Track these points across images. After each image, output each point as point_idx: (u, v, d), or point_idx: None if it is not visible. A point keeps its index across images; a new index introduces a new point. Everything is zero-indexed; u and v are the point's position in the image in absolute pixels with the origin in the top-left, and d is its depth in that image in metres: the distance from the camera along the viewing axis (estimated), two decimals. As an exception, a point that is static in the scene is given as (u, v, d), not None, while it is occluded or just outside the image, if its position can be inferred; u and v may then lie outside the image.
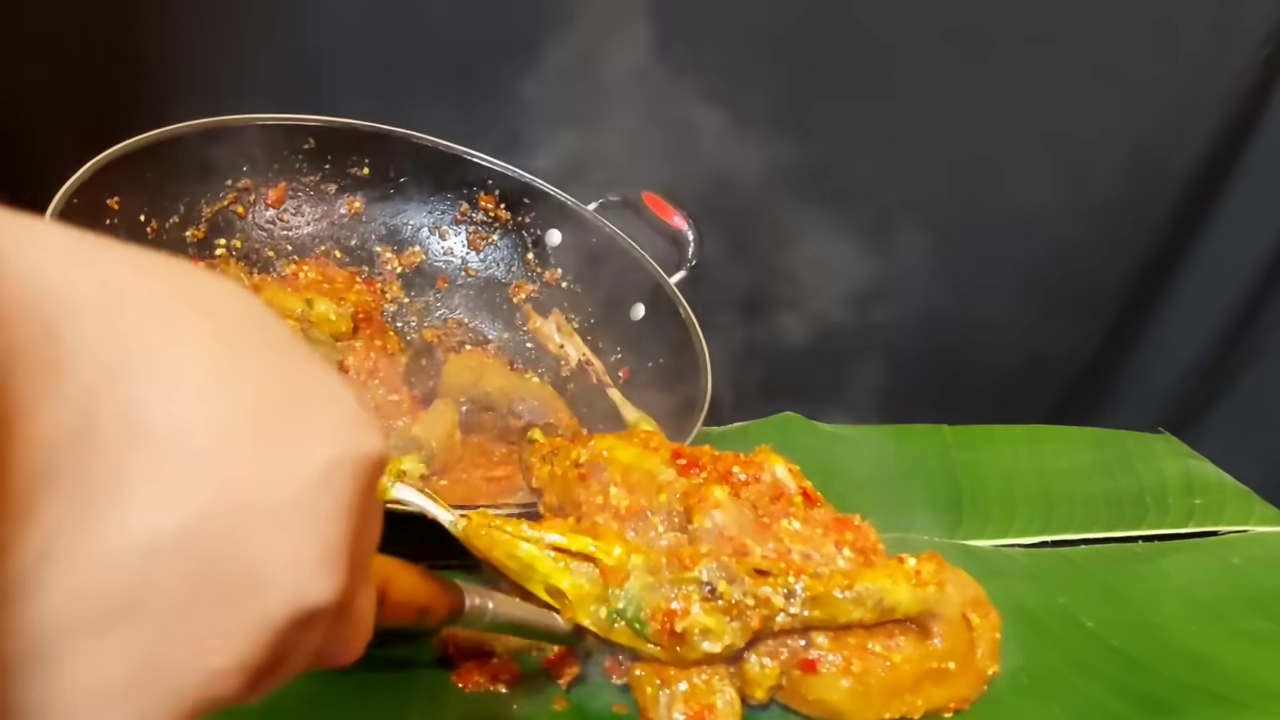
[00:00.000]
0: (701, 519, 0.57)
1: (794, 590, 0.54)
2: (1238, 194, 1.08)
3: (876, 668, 0.56)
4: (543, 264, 0.92)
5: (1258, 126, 1.05)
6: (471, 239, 0.91)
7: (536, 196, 0.91)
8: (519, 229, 0.92)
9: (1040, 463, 0.94)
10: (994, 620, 0.61)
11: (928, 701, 0.58)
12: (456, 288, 0.92)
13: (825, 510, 0.63)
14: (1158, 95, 1.04)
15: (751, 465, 0.63)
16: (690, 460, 0.62)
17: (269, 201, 0.85)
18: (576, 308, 0.91)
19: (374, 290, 0.88)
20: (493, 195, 0.91)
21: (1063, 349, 1.15)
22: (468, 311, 0.91)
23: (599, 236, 0.90)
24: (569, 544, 0.54)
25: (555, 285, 0.91)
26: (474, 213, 0.91)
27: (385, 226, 0.90)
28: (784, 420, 1.00)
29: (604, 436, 0.65)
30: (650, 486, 0.60)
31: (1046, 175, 1.05)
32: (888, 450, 0.96)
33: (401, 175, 0.89)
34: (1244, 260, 1.10)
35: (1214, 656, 0.66)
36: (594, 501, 0.60)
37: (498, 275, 0.92)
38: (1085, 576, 0.77)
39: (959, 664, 0.58)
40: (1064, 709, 0.60)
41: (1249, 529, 0.85)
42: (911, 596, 0.55)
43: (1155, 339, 1.14)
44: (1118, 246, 1.10)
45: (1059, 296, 1.11)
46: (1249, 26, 1.02)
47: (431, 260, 0.91)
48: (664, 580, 0.53)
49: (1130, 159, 1.06)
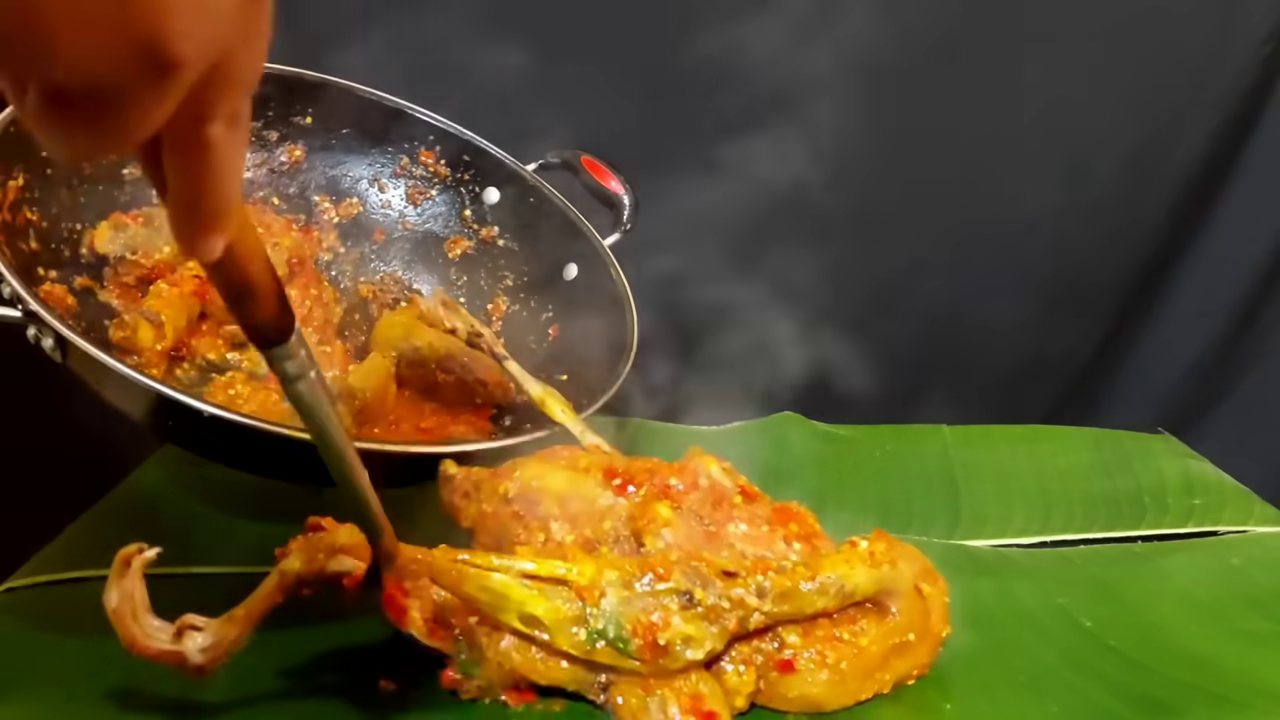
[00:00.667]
0: (653, 540, 0.57)
1: (764, 588, 0.54)
2: (1237, 193, 1.08)
3: (848, 654, 0.57)
4: (480, 221, 0.92)
5: (1258, 126, 1.06)
6: (410, 193, 0.92)
7: (476, 154, 0.92)
8: (458, 185, 0.92)
9: (1039, 463, 0.94)
10: (942, 586, 0.62)
11: (894, 674, 0.60)
12: (393, 241, 0.92)
13: (764, 503, 0.63)
14: (1158, 95, 1.04)
15: (686, 471, 0.62)
16: (625, 478, 0.61)
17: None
18: (511, 265, 0.92)
19: (310, 239, 0.89)
20: (433, 151, 0.92)
21: (1062, 349, 1.15)
22: (403, 265, 0.92)
23: (536, 196, 0.91)
24: (540, 569, 0.53)
25: (491, 243, 0.92)
26: (414, 167, 0.92)
27: (325, 176, 0.90)
28: (783, 420, 1.00)
29: (528, 463, 0.64)
30: (592, 514, 0.59)
31: (1046, 175, 1.05)
32: (886, 450, 0.96)
33: (344, 126, 0.90)
34: (1244, 260, 1.10)
35: (1213, 656, 0.66)
36: (536, 540, 0.59)
37: (435, 230, 0.93)
38: (1084, 576, 0.77)
39: (917, 634, 0.60)
40: (1062, 708, 0.60)
41: (1248, 529, 0.85)
42: (868, 577, 0.57)
43: (1154, 339, 1.14)
44: (1117, 246, 1.10)
45: (1058, 296, 1.11)
46: (1249, 26, 1.02)
47: (369, 212, 0.92)
48: (640, 594, 0.53)
49: (1130, 158, 1.06)
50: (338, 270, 0.90)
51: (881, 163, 1.02)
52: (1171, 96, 1.04)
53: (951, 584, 0.73)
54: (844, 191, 1.03)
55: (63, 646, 0.66)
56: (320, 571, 0.56)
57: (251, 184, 0.87)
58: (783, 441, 0.97)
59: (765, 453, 0.94)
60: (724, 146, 1.01)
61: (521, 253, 0.91)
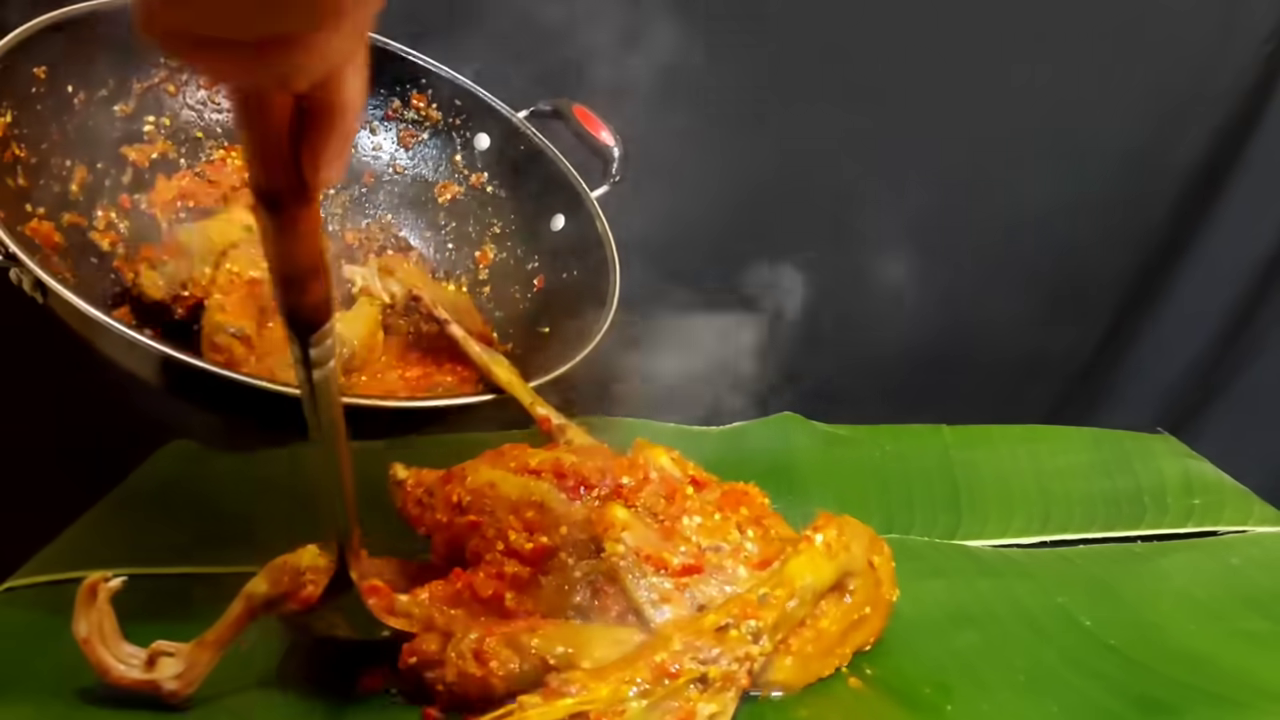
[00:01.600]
0: (614, 545, 0.58)
1: (758, 631, 0.56)
2: (1237, 192, 1.08)
3: (811, 637, 0.59)
4: (470, 167, 0.92)
5: (1259, 125, 1.05)
6: (401, 136, 0.92)
7: (468, 99, 0.92)
8: (449, 130, 0.92)
9: (1039, 463, 0.94)
10: (888, 553, 0.65)
11: (852, 647, 0.62)
12: (382, 184, 0.92)
13: (714, 488, 0.65)
14: (1159, 93, 1.04)
15: (636, 467, 0.63)
16: (577, 479, 0.62)
17: (202, 83, 0.84)
18: (499, 213, 0.92)
19: None
20: (425, 94, 0.92)
21: (1061, 348, 1.15)
22: (391, 209, 0.92)
23: (527, 144, 0.91)
24: (554, 713, 0.52)
25: (480, 189, 0.92)
26: (406, 110, 0.92)
27: None
28: (784, 420, 1.00)
29: (478, 467, 0.64)
30: (547, 522, 0.60)
31: (1047, 174, 1.05)
32: (886, 450, 0.96)
33: None
34: (1243, 259, 1.10)
35: (1212, 656, 0.66)
36: (495, 549, 0.60)
37: (424, 174, 0.93)
38: (1083, 576, 0.77)
39: (873, 606, 0.62)
40: (1061, 708, 0.60)
41: (1248, 529, 0.85)
42: (830, 569, 0.59)
43: (1154, 338, 1.14)
44: (1117, 245, 1.10)
45: (1058, 296, 1.11)
46: (1251, 24, 1.02)
47: (360, 155, 0.92)
48: (659, 696, 0.53)
49: (1131, 157, 1.06)
50: (326, 213, 0.90)
51: (881, 162, 1.02)
52: (1173, 95, 1.04)
53: (951, 584, 0.74)
54: (844, 191, 1.03)
55: (63, 646, 0.65)
56: (286, 594, 0.57)
57: None
58: (783, 441, 0.97)
59: (765, 453, 0.94)
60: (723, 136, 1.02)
61: (510, 201, 0.91)
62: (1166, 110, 1.04)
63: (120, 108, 0.79)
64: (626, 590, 0.57)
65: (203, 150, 0.84)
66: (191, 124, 0.84)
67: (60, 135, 0.74)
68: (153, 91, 0.81)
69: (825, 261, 0.98)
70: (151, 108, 0.81)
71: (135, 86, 0.80)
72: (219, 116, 0.85)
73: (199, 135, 0.84)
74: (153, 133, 0.81)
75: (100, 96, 0.77)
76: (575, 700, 0.52)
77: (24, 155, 0.70)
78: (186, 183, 0.82)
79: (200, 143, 0.84)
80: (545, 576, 0.59)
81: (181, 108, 0.83)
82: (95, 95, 0.77)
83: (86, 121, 0.76)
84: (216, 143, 0.85)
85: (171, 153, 0.81)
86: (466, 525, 0.62)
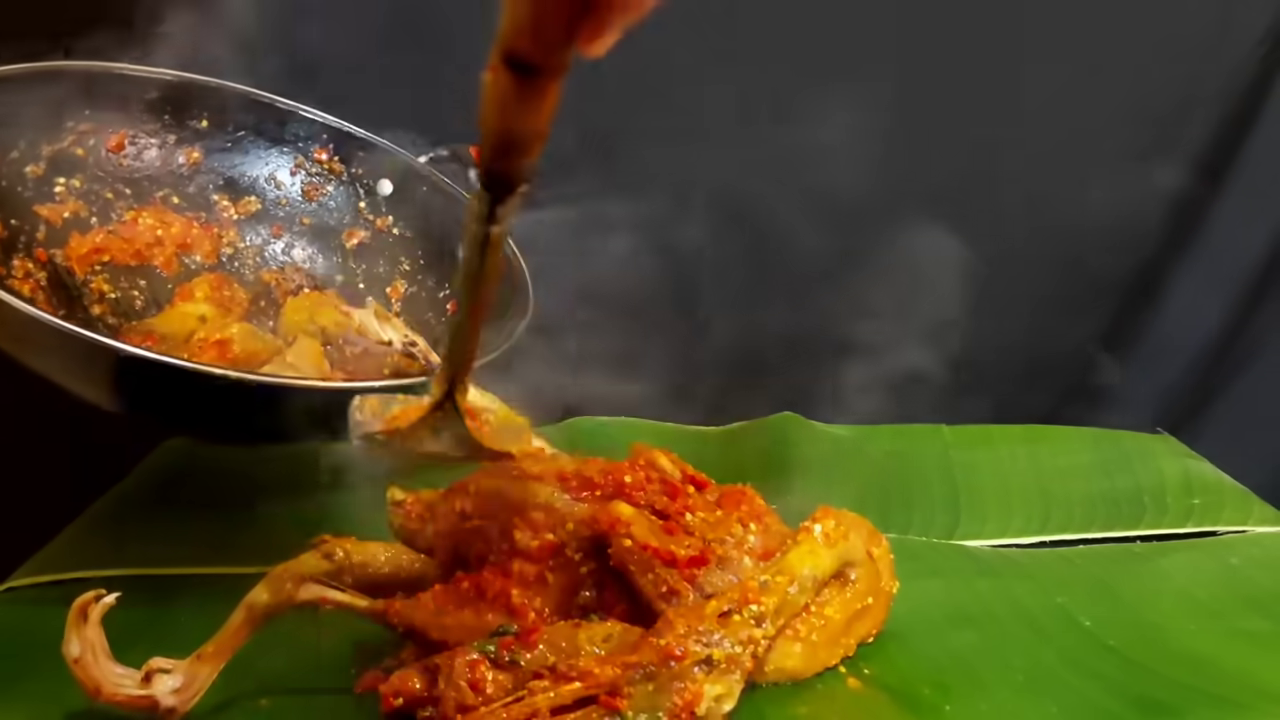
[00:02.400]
0: (619, 540, 0.58)
1: (760, 615, 0.57)
2: (1235, 192, 1.07)
3: (817, 625, 0.61)
4: (374, 212, 0.96)
5: (1256, 124, 1.05)
6: (306, 189, 0.95)
7: (369, 150, 0.95)
8: (352, 180, 0.96)
9: (1038, 463, 0.94)
10: (885, 545, 0.67)
11: (856, 637, 0.64)
12: (292, 234, 0.95)
13: (713, 489, 0.67)
14: (1156, 94, 1.04)
15: (636, 468, 0.64)
16: (580, 482, 0.62)
17: (109, 146, 0.88)
18: (407, 252, 0.95)
19: (211, 235, 0.92)
20: (327, 148, 0.95)
21: (1061, 349, 1.15)
22: (303, 256, 0.95)
23: (428, 185, 0.95)
24: (562, 698, 0.53)
25: (386, 232, 0.95)
26: (309, 164, 0.95)
27: (222, 177, 0.93)
28: (783, 420, 1.00)
29: (479, 479, 0.64)
30: (552, 519, 0.60)
31: (1045, 174, 1.05)
32: (886, 450, 0.96)
33: (240, 129, 0.93)
34: (1242, 259, 1.10)
35: (1212, 657, 0.66)
36: (501, 549, 0.60)
37: (330, 223, 0.96)
38: (1083, 576, 0.77)
39: (874, 596, 0.64)
40: (1061, 708, 0.60)
41: (1247, 529, 0.85)
42: (829, 557, 0.61)
43: (1153, 339, 1.14)
44: (1115, 246, 1.10)
45: (1057, 296, 1.11)
46: (1247, 25, 1.02)
47: (268, 209, 0.95)
48: (664, 678, 0.54)
49: (1128, 159, 1.06)
50: (240, 263, 0.93)
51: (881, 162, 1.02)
52: (1169, 95, 1.04)
53: (950, 584, 0.74)
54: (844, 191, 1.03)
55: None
56: (288, 602, 0.57)
57: (152, 182, 0.91)
58: (783, 441, 0.97)
59: (765, 453, 0.95)
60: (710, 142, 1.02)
61: (416, 238, 0.95)
62: (1164, 110, 1.04)
63: (31, 169, 0.82)
64: (635, 583, 0.58)
65: (113, 210, 0.88)
66: (102, 184, 0.88)
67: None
68: (62, 154, 0.84)
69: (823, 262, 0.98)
70: (62, 169, 0.85)
71: (44, 149, 0.83)
72: (128, 177, 0.89)
73: (109, 196, 0.88)
74: (63, 193, 0.84)
75: (11, 158, 0.81)
76: (583, 684, 0.53)
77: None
78: (100, 239, 0.86)
79: (111, 203, 0.88)
80: (552, 574, 0.59)
81: (91, 169, 0.87)
82: (7, 156, 0.81)
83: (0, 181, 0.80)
84: (126, 204, 0.89)
85: (83, 212, 0.85)
86: (469, 531, 0.62)
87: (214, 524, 0.81)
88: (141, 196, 0.89)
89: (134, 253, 0.87)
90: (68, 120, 0.84)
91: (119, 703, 0.55)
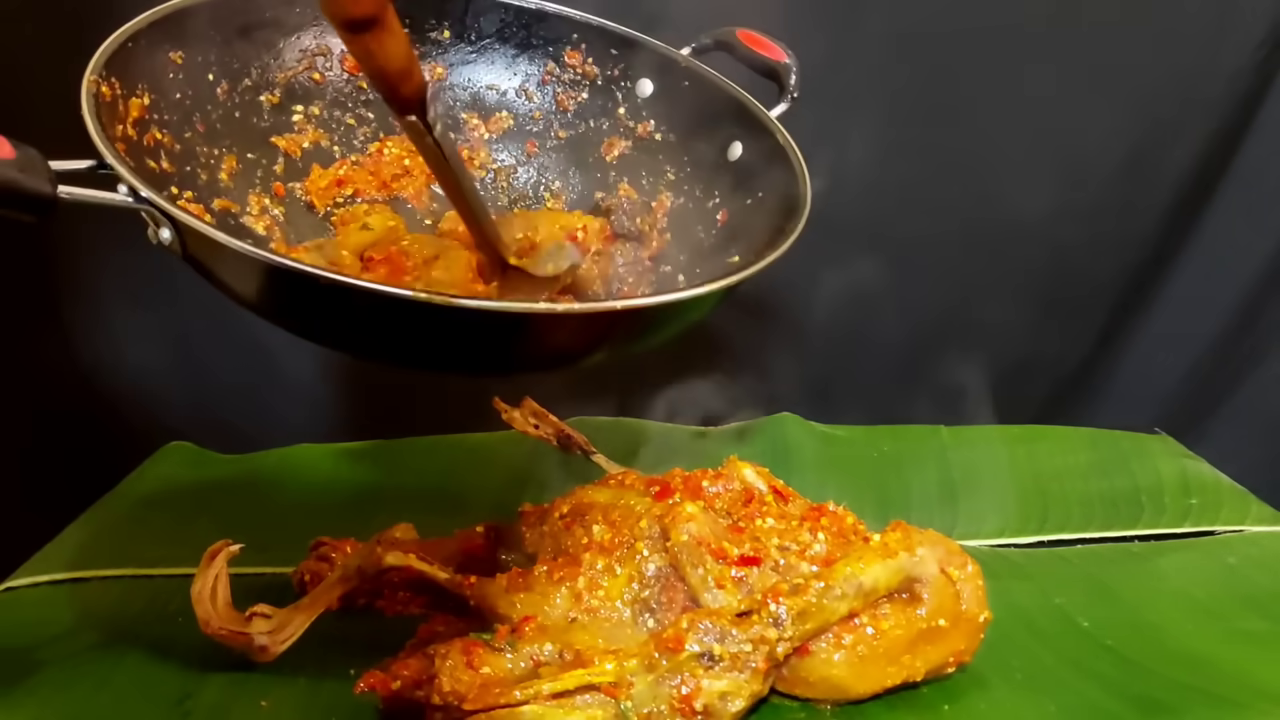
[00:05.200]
0: (678, 534, 0.61)
1: (779, 616, 0.57)
2: (1233, 196, 1.08)
3: (864, 637, 0.59)
4: (635, 118, 0.86)
5: (1254, 128, 1.06)
6: (559, 99, 0.87)
7: (625, 47, 0.85)
8: (609, 83, 0.86)
9: (1036, 463, 0.94)
10: (975, 570, 0.63)
11: (926, 662, 0.60)
12: (547, 151, 0.87)
13: (799, 503, 0.68)
14: (1154, 97, 1.04)
15: (721, 477, 0.68)
16: (664, 488, 0.67)
17: (346, 67, 0.81)
18: (671, 158, 0.85)
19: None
20: (579, 50, 0.86)
21: (1059, 350, 1.15)
22: (559, 175, 0.87)
23: (692, 80, 0.84)
24: (564, 684, 0.54)
25: (649, 138, 0.85)
26: (561, 71, 0.87)
27: (469, 94, 0.86)
28: (782, 420, 1.00)
29: (583, 488, 0.70)
30: (630, 518, 0.64)
31: (1044, 177, 1.05)
32: (885, 450, 0.96)
33: (483, 37, 0.85)
34: (1242, 262, 1.10)
35: (1210, 656, 0.66)
36: (579, 543, 0.64)
37: (589, 134, 0.87)
38: (1081, 576, 0.77)
39: (949, 620, 0.60)
40: (1059, 708, 0.60)
41: (1245, 529, 0.85)
42: (885, 570, 0.59)
43: (1151, 340, 1.14)
44: (1114, 248, 1.10)
45: (1056, 298, 1.11)
46: (1245, 29, 1.02)
47: (520, 124, 0.87)
48: (663, 671, 0.55)
49: (1127, 160, 1.06)
50: (495, 188, 0.86)
51: (881, 166, 1.02)
52: (1168, 99, 1.04)
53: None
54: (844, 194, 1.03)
55: (63, 646, 0.66)
56: (377, 564, 0.63)
57: None
58: (782, 442, 0.97)
59: (764, 453, 0.95)
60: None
61: (681, 143, 0.84)
62: (1162, 114, 1.04)
63: (266, 98, 0.76)
64: (683, 574, 0.60)
65: (355, 138, 0.82)
66: (343, 110, 0.81)
67: (205, 125, 0.72)
68: (297, 79, 0.79)
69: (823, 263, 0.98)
70: (299, 97, 0.79)
71: (278, 75, 0.77)
72: (370, 100, 0.82)
73: (351, 122, 0.82)
74: (302, 122, 0.79)
75: (244, 86, 0.75)
76: (586, 672, 0.55)
77: (166, 141, 0.68)
78: (344, 171, 0.80)
79: (353, 130, 0.82)
80: (621, 565, 0.62)
81: (329, 94, 0.81)
82: (239, 85, 0.75)
83: (233, 112, 0.74)
84: (370, 131, 0.82)
85: (324, 141, 0.79)
86: (562, 527, 0.67)
87: (214, 524, 0.81)
88: (385, 123, 0.81)
89: (380, 185, 0.80)
90: (301, 42, 0.77)
91: (223, 637, 0.60)
